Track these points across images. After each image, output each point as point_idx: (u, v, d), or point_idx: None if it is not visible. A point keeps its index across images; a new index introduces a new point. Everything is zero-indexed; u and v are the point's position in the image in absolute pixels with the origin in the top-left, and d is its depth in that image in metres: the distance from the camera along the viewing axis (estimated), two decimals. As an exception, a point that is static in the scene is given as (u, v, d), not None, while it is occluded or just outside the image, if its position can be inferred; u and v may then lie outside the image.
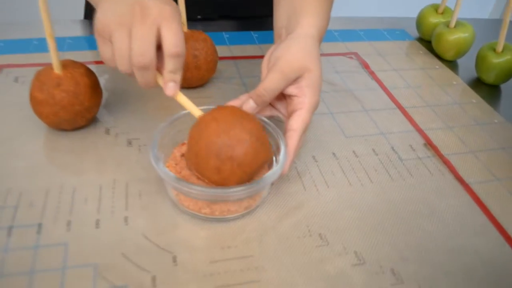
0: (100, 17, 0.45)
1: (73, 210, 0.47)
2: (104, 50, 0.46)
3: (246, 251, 0.45)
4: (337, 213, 0.50)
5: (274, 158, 0.50)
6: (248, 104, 0.50)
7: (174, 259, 0.43)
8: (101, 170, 0.52)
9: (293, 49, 0.50)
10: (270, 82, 0.49)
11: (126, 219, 0.47)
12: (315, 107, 0.51)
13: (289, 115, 0.51)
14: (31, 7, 0.48)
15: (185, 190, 0.44)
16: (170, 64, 0.45)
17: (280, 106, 0.54)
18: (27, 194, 0.48)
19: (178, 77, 0.47)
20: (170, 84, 0.47)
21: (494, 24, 1.04)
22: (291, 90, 0.51)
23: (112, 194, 0.49)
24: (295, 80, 0.50)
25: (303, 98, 0.50)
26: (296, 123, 0.49)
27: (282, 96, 0.53)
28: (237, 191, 0.43)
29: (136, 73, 0.45)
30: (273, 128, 0.50)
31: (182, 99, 0.48)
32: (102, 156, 0.54)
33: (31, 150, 0.54)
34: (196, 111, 0.48)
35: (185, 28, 0.63)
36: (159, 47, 0.45)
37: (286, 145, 0.49)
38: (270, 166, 0.51)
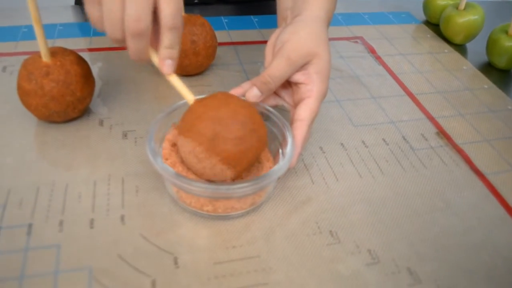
0: None
1: (65, 209, 0.44)
2: (92, 11, 0.40)
3: (252, 251, 0.42)
4: (347, 207, 0.47)
5: (280, 151, 0.47)
6: (251, 92, 0.47)
7: (175, 261, 0.40)
8: (95, 165, 0.48)
9: (300, 33, 0.47)
10: (276, 69, 0.46)
11: (122, 218, 0.43)
12: (324, 95, 0.48)
13: (296, 104, 0.48)
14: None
15: (186, 187, 0.40)
16: (167, 38, 0.41)
17: (285, 94, 0.50)
18: (15, 192, 0.45)
19: (175, 53, 0.43)
20: (168, 62, 0.42)
21: (505, 6, 1.00)
22: (298, 77, 0.47)
23: (107, 190, 0.46)
24: (302, 67, 0.47)
25: (311, 85, 0.46)
26: (304, 112, 0.46)
27: (288, 84, 0.50)
28: (242, 188, 0.40)
29: (128, 41, 0.40)
30: (279, 118, 0.47)
31: (175, 81, 0.44)
32: (96, 150, 0.50)
33: (19, 144, 0.50)
34: (189, 96, 0.44)
35: (182, 12, 0.59)
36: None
37: (293, 136, 0.45)
38: (276, 158, 0.47)
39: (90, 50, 0.67)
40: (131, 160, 0.49)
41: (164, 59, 0.42)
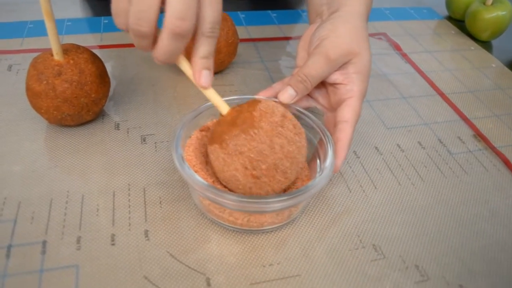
0: None
1: (82, 224, 0.39)
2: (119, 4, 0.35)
3: (292, 269, 0.38)
4: (389, 218, 0.43)
5: (318, 161, 0.43)
6: (285, 92, 0.43)
7: (208, 282, 0.36)
8: (112, 173, 0.44)
9: (340, 30, 0.43)
10: (313, 67, 0.42)
11: (146, 233, 0.39)
12: (365, 95, 0.44)
13: (333, 106, 0.44)
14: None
15: (218, 199, 0.36)
16: (204, 47, 0.36)
17: (319, 95, 0.47)
18: (27, 205, 0.40)
19: (211, 63, 0.38)
20: (205, 73, 0.38)
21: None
22: (336, 77, 0.43)
23: (128, 202, 0.42)
24: (341, 66, 0.43)
25: (351, 85, 0.42)
26: (348, 113, 0.42)
27: (322, 85, 0.46)
28: (278, 202, 0.36)
29: (164, 39, 0.35)
30: (322, 130, 0.43)
31: (211, 93, 0.39)
32: (113, 156, 0.46)
33: (29, 151, 0.46)
34: (224, 108, 0.39)
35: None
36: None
37: (338, 140, 0.41)
38: (311, 165, 0.43)
39: (101, 47, 0.62)
40: (152, 167, 0.45)
41: (200, 70, 0.37)
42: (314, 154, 0.44)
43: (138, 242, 0.38)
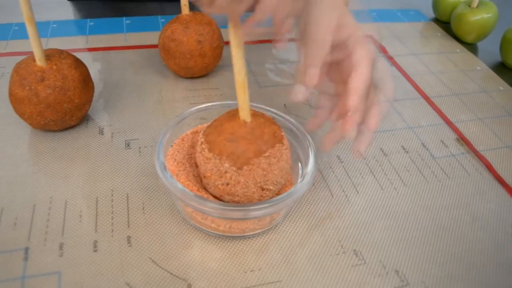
0: None
1: (65, 230, 0.40)
2: None
3: (272, 275, 0.38)
4: (370, 223, 0.44)
5: (300, 167, 0.43)
6: (298, 92, 0.40)
7: (189, 288, 0.36)
8: (96, 179, 0.44)
9: (319, 10, 0.40)
10: (310, 57, 0.40)
11: (129, 239, 0.39)
12: (372, 59, 0.41)
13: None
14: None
15: (200, 208, 0.36)
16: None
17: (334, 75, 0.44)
18: (9, 211, 0.41)
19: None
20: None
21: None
22: (336, 55, 0.41)
23: (111, 208, 0.42)
24: (337, 45, 0.41)
25: (353, 55, 0.40)
26: (353, 82, 0.40)
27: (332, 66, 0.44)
28: (259, 209, 0.36)
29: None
30: (301, 132, 0.43)
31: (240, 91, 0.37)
32: (97, 161, 0.46)
33: (12, 156, 0.46)
34: (245, 113, 0.38)
35: (187, 10, 0.55)
36: None
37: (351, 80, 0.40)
38: (294, 170, 0.44)
39: (89, 49, 0.62)
40: (135, 173, 0.45)
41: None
42: (295, 158, 0.44)
43: (121, 248, 0.39)
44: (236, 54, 0.35)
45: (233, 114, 0.38)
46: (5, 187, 0.43)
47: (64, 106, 0.45)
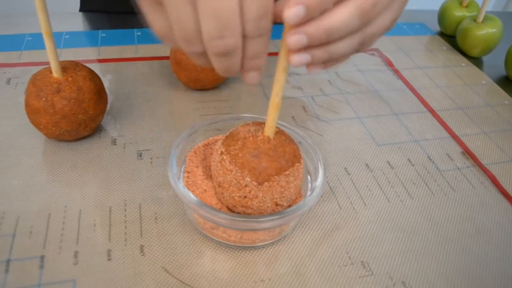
0: None
1: (80, 238, 0.40)
2: (155, 20, 0.31)
3: (282, 285, 0.39)
4: (378, 236, 0.45)
5: (308, 177, 0.44)
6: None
7: (201, 298, 0.37)
8: (109, 189, 0.45)
9: None
10: None
11: (142, 248, 0.40)
12: None
13: None
14: (22, -1, 0.41)
15: (212, 218, 0.37)
16: (250, 47, 0.31)
17: None
18: (25, 219, 0.42)
19: (261, 62, 0.33)
20: (251, 74, 0.34)
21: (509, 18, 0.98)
22: None
23: (124, 217, 0.43)
24: None
25: None
26: None
27: None
28: (269, 221, 0.37)
29: (213, 60, 0.31)
30: (311, 146, 0.44)
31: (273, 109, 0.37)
32: (110, 171, 0.47)
33: (27, 165, 0.47)
34: (271, 131, 0.38)
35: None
36: None
37: None
38: (303, 183, 0.44)
39: (100, 61, 0.63)
40: (147, 183, 0.46)
41: (247, 70, 0.33)
42: (305, 170, 0.45)
43: (134, 257, 0.39)
44: (280, 77, 0.35)
45: (257, 129, 0.38)
46: (20, 196, 0.44)
47: (79, 117, 0.46)
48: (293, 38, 0.30)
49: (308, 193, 0.42)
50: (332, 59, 0.33)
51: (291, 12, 0.28)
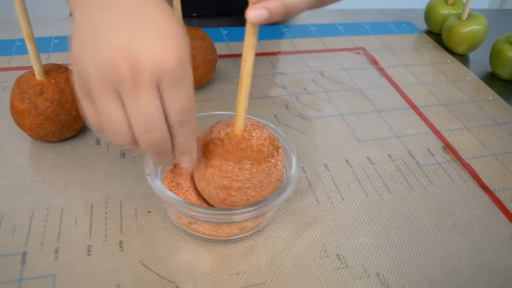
0: (74, 50, 0.32)
1: (61, 235, 0.42)
2: (89, 111, 0.34)
3: (257, 277, 0.40)
4: (354, 229, 0.46)
5: (284, 173, 0.45)
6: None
7: (177, 290, 0.38)
8: (92, 187, 0.47)
9: None
10: None
11: (121, 243, 0.41)
12: None
13: None
14: (11, 3, 0.42)
15: (188, 213, 0.38)
16: (179, 137, 0.35)
17: None
18: (9, 217, 0.43)
19: (191, 147, 0.37)
20: (183, 158, 0.38)
21: (508, 14, 0.99)
22: None
23: (105, 214, 0.44)
24: None
25: None
26: None
27: None
28: (244, 212, 0.38)
29: (144, 150, 0.35)
30: (285, 139, 0.45)
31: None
32: (93, 171, 0.48)
33: (13, 165, 0.48)
34: (240, 128, 0.39)
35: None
36: None
37: None
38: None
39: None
40: (129, 181, 0.48)
41: (179, 156, 0.37)
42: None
43: (113, 253, 0.41)
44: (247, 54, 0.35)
45: (229, 125, 0.40)
46: (5, 195, 0.45)
47: (62, 118, 0.47)
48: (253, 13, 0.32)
49: (284, 183, 0.43)
50: (289, 14, 0.34)
51: None
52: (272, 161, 0.39)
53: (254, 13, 0.32)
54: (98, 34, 0.31)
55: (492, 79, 0.74)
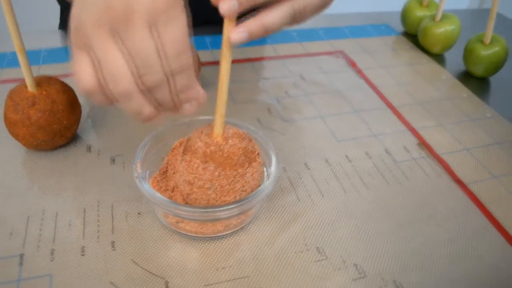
0: (75, 8, 0.34)
1: (56, 237, 0.44)
2: (84, 65, 0.35)
3: (241, 271, 0.43)
4: (333, 223, 0.48)
5: (265, 170, 0.48)
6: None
7: (166, 285, 0.41)
8: (84, 191, 0.49)
9: None
10: None
11: (113, 244, 0.44)
12: None
13: None
14: (2, 17, 0.45)
15: (173, 212, 0.41)
16: (178, 81, 0.36)
17: None
18: (6, 222, 0.45)
19: (195, 92, 0.39)
20: (185, 106, 0.39)
21: (480, 14, 1.03)
22: None
23: (97, 217, 0.47)
24: None
25: None
26: None
27: None
28: (228, 209, 0.41)
29: (144, 96, 0.36)
30: (262, 137, 0.48)
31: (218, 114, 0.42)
32: (85, 176, 0.51)
33: (8, 173, 0.51)
34: (219, 130, 0.42)
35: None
36: None
37: None
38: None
39: (76, 75, 0.67)
40: (119, 185, 0.50)
41: (181, 103, 0.39)
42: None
43: (106, 252, 0.43)
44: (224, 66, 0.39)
45: (209, 129, 0.43)
46: (2, 202, 0.47)
47: (54, 127, 0.50)
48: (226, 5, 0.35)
49: (265, 179, 0.46)
50: (268, 33, 0.38)
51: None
52: (240, 170, 0.42)
53: (235, 36, 0.36)
54: None
55: (466, 77, 0.77)
